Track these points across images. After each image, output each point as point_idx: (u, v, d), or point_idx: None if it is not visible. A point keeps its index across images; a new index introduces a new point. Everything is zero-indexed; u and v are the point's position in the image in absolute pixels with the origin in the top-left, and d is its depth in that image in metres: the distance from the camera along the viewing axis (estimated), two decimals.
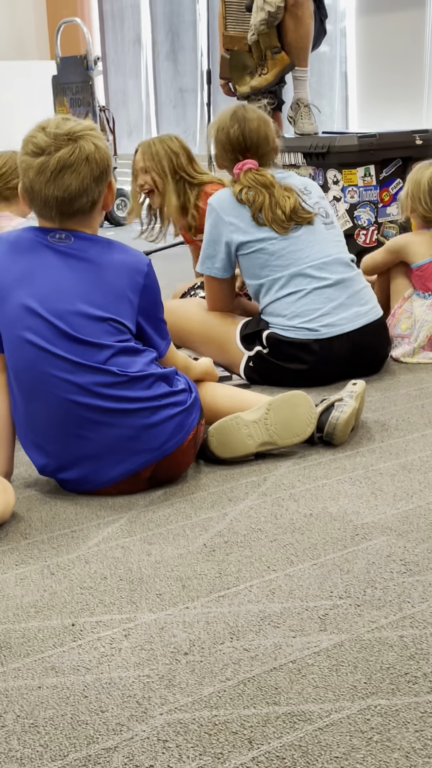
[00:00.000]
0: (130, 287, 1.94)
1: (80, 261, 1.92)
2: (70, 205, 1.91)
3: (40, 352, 1.87)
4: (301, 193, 2.68)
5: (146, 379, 1.91)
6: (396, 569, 1.58)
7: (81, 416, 1.88)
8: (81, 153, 1.88)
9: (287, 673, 1.30)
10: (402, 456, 2.12)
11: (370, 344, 2.66)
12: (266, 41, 4.30)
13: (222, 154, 2.72)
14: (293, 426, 2.11)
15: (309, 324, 2.58)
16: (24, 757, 1.16)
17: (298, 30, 4.33)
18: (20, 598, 1.56)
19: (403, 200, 3.04)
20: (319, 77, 7.18)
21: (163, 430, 1.92)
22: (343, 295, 2.62)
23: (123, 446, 1.91)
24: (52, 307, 1.88)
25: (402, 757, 1.12)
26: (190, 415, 1.97)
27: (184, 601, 1.52)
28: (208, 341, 2.78)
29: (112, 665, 1.35)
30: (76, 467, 1.94)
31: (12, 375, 1.93)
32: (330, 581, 1.56)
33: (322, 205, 2.72)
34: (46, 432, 1.92)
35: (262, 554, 1.67)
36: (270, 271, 2.62)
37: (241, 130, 2.67)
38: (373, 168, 4.30)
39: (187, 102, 8.73)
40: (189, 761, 1.13)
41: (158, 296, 2.02)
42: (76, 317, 1.88)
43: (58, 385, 1.87)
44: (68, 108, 6.67)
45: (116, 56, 9.30)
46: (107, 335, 1.89)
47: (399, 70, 6.56)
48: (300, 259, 2.61)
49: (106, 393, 1.88)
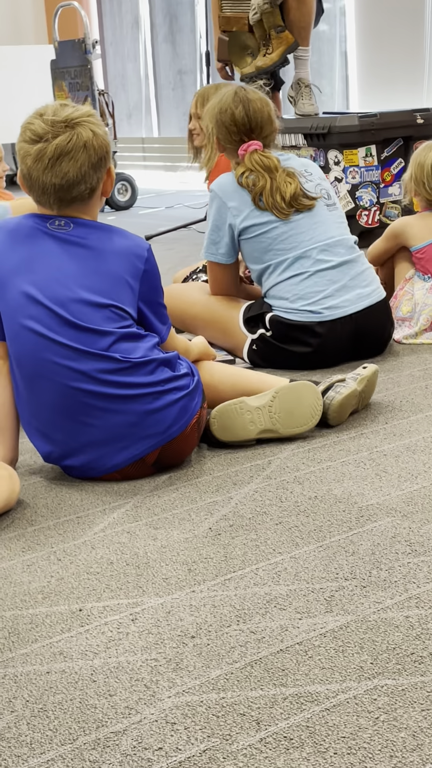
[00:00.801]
0: (130, 273, 1.94)
1: (80, 248, 1.92)
2: (69, 192, 1.90)
3: (42, 339, 1.87)
4: (302, 176, 2.67)
5: (149, 365, 1.91)
6: (401, 550, 1.59)
7: (84, 403, 1.89)
8: (78, 140, 1.87)
9: (294, 655, 1.31)
10: (406, 437, 2.12)
11: (373, 326, 2.66)
12: (270, 20, 4.27)
13: (226, 137, 2.69)
14: (297, 416, 2.11)
15: (312, 306, 2.57)
16: (34, 741, 1.17)
17: (301, 8, 4.30)
18: (27, 585, 1.57)
19: (407, 183, 3.03)
20: (319, 57, 7.14)
21: (167, 415, 1.92)
22: (346, 277, 2.61)
23: (127, 432, 1.91)
24: (52, 295, 1.88)
25: (409, 737, 1.13)
26: (193, 399, 1.97)
27: (191, 584, 1.53)
28: (210, 325, 2.78)
29: (120, 649, 1.36)
30: (81, 454, 1.94)
31: (14, 363, 1.93)
32: (335, 563, 1.56)
33: (323, 187, 2.71)
34: (50, 419, 1.92)
35: (268, 537, 1.68)
36: (273, 255, 2.61)
37: (245, 111, 2.65)
38: (375, 148, 4.28)
39: (186, 84, 8.69)
40: (197, 743, 1.14)
41: (158, 281, 2.02)
42: (77, 304, 1.88)
43: (60, 372, 1.87)
44: (67, 92, 6.64)
45: (114, 39, 9.25)
46: (109, 322, 1.89)
47: (399, 48, 6.52)
48: (303, 242, 2.60)
49: (109, 379, 1.88)
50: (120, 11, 9.11)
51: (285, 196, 2.60)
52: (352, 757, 1.10)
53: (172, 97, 8.89)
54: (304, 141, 4.41)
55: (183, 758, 1.12)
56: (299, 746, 1.12)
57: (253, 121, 2.66)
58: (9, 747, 1.16)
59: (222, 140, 2.71)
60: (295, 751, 1.12)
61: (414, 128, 4.37)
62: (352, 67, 7.08)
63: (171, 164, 8.66)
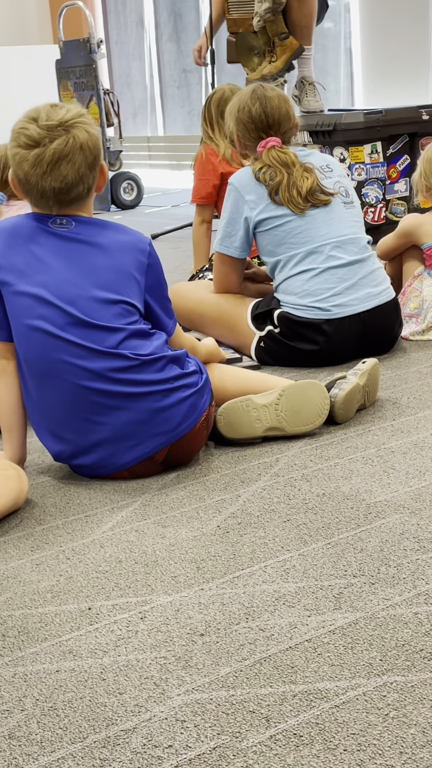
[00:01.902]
0: (135, 267, 1.95)
1: (84, 244, 1.93)
2: (68, 194, 1.91)
3: (52, 339, 1.87)
4: (322, 172, 2.67)
5: (158, 362, 1.92)
6: (409, 547, 1.59)
7: (95, 402, 1.89)
8: (75, 142, 1.87)
9: (303, 652, 1.31)
10: (414, 434, 2.12)
11: (381, 326, 2.65)
12: (273, 28, 4.27)
13: (244, 134, 2.71)
14: (303, 415, 2.11)
15: (320, 303, 2.57)
16: (44, 740, 1.18)
17: (302, 9, 4.30)
18: (36, 584, 1.57)
19: (417, 181, 3.02)
20: (323, 53, 7.13)
21: (176, 413, 1.92)
22: (356, 276, 2.61)
23: (137, 430, 1.91)
24: (63, 294, 1.88)
25: (419, 733, 1.13)
26: (202, 397, 1.97)
27: (199, 582, 1.53)
28: (218, 323, 2.78)
29: (129, 647, 1.36)
30: (91, 453, 1.95)
31: (23, 363, 1.93)
32: (344, 560, 1.56)
33: (342, 184, 2.71)
34: (61, 419, 1.93)
35: (276, 535, 1.68)
36: (287, 248, 2.61)
37: (263, 108, 2.67)
38: (380, 144, 4.28)
39: (191, 82, 8.69)
40: (207, 740, 1.15)
41: (162, 274, 2.03)
42: (88, 302, 1.89)
43: (71, 371, 1.88)
44: (72, 92, 6.65)
45: (119, 39, 9.26)
46: (118, 318, 1.90)
47: (404, 44, 6.50)
48: (316, 237, 2.60)
49: (119, 377, 1.88)
50: (124, 10, 9.12)
51: (301, 191, 2.60)
52: (362, 753, 1.10)
53: (177, 95, 8.89)
54: (310, 138, 4.41)
55: (193, 756, 1.12)
56: (309, 743, 1.13)
57: (270, 117, 2.67)
58: (19, 745, 1.17)
59: (241, 137, 2.73)
60: (305, 748, 1.12)
61: (419, 124, 4.37)
62: (357, 63, 7.07)
63: (176, 163, 8.66)
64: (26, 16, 9.19)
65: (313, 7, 4.34)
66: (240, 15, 4.45)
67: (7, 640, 1.41)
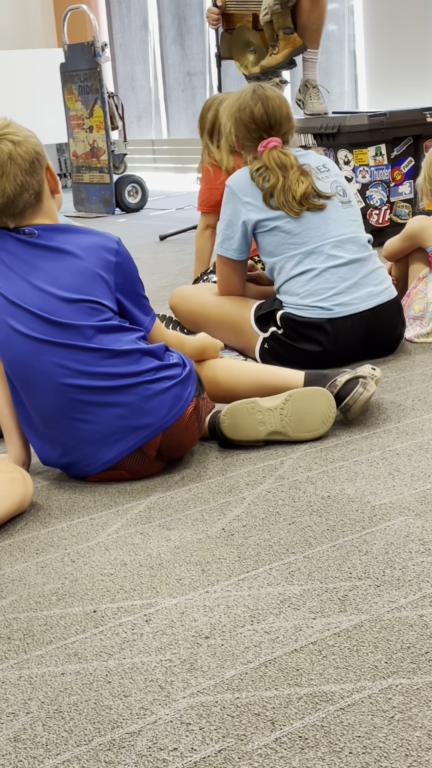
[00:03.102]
0: (101, 266, 1.96)
1: (48, 250, 1.94)
2: (15, 206, 1.92)
3: (28, 340, 1.90)
4: (318, 173, 2.67)
5: (131, 354, 1.93)
6: (415, 549, 1.59)
7: (76, 399, 1.90)
8: (2, 155, 1.88)
9: (308, 655, 1.31)
10: (419, 436, 2.12)
11: (383, 324, 2.65)
12: (280, 21, 4.26)
13: (245, 134, 2.70)
14: (308, 421, 2.11)
15: (322, 303, 2.57)
16: (49, 742, 1.18)
17: (314, 11, 4.29)
18: (42, 586, 1.57)
19: (422, 185, 3.02)
20: (327, 56, 7.13)
21: (159, 404, 1.93)
22: (357, 275, 2.61)
23: (119, 425, 1.92)
24: (29, 299, 1.91)
25: (424, 735, 1.12)
26: (186, 388, 1.98)
27: (204, 585, 1.53)
28: (222, 325, 2.78)
29: (134, 650, 1.36)
30: (76, 451, 1.95)
31: (7, 368, 1.95)
32: (349, 562, 1.56)
33: (339, 183, 2.71)
34: (45, 420, 1.94)
35: (281, 537, 1.68)
36: (285, 249, 2.61)
37: (264, 109, 2.66)
38: (384, 147, 4.28)
39: (195, 85, 8.70)
40: (212, 743, 1.14)
41: (134, 272, 2.03)
42: (52, 303, 1.91)
43: (50, 370, 1.90)
44: (77, 95, 6.66)
45: (123, 42, 9.27)
46: (86, 316, 1.92)
47: (408, 47, 6.50)
48: (315, 237, 2.60)
49: (95, 371, 1.90)
50: (129, 13, 9.13)
51: (296, 195, 2.60)
52: (368, 756, 1.10)
53: (181, 98, 8.90)
54: (314, 141, 4.41)
55: (198, 759, 1.12)
56: (314, 746, 1.12)
57: (272, 118, 2.66)
58: (25, 748, 1.17)
59: (241, 138, 2.72)
60: (311, 751, 1.12)
61: (423, 127, 4.36)
62: (360, 66, 7.07)
63: (181, 166, 8.67)
64: (31, 19, 9.21)
65: (324, 12, 4.34)
66: (237, 10, 4.45)
67: (12, 642, 1.41)
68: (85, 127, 6.66)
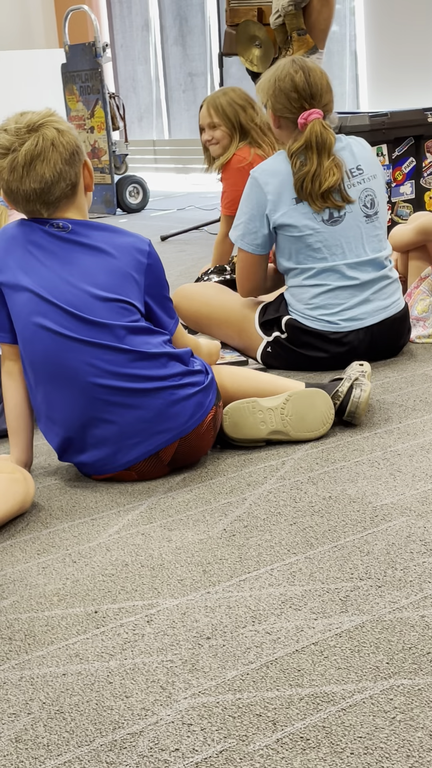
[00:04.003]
0: (134, 267, 1.96)
1: (82, 246, 1.94)
2: (51, 194, 1.91)
3: (58, 337, 1.88)
4: (350, 176, 2.57)
5: (160, 357, 1.92)
6: (416, 549, 1.59)
7: (101, 399, 1.90)
8: (45, 141, 1.88)
9: (309, 655, 1.31)
10: (420, 436, 2.12)
11: (389, 335, 2.64)
12: (293, 23, 4.26)
13: (285, 104, 2.55)
14: (308, 421, 2.11)
15: (330, 317, 2.56)
16: (51, 743, 1.18)
17: (323, 11, 4.29)
18: (43, 587, 1.57)
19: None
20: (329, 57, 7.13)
21: (182, 410, 1.93)
22: (368, 292, 2.58)
23: (142, 427, 1.92)
24: (60, 294, 1.90)
25: (426, 736, 1.12)
26: (207, 395, 1.98)
27: (206, 586, 1.53)
28: (225, 325, 2.77)
29: (136, 651, 1.36)
30: (95, 450, 1.95)
31: (28, 365, 1.94)
32: (350, 563, 1.56)
33: (369, 193, 2.60)
34: (67, 417, 1.93)
35: (282, 538, 1.68)
36: (304, 258, 2.56)
37: (305, 77, 2.53)
38: (386, 147, 4.28)
39: (197, 86, 8.70)
40: (214, 744, 1.14)
41: (162, 274, 2.03)
42: (86, 300, 1.90)
43: (79, 368, 1.89)
44: (78, 96, 6.66)
45: (125, 42, 9.28)
46: (118, 316, 1.91)
47: (409, 47, 6.50)
48: (334, 255, 2.55)
49: (124, 372, 1.89)
50: (130, 14, 9.13)
51: (322, 186, 2.51)
52: (369, 757, 1.10)
53: (182, 99, 8.90)
54: None
55: (200, 759, 1.12)
56: (316, 747, 1.12)
57: (313, 86, 2.54)
58: (26, 749, 1.17)
59: (280, 110, 2.57)
60: (312, 752, 1.12)
61: (425, 127, 4.36)
62: (362, 66, 7.07)
63: (182, 166, 8.67)
64: (32, 20, 9.21)
65: (333, 11, 4.33)
66: (241, 5, 4.44)
67: (13, 643, 1.41)
68: (86, 128, 6.67)
